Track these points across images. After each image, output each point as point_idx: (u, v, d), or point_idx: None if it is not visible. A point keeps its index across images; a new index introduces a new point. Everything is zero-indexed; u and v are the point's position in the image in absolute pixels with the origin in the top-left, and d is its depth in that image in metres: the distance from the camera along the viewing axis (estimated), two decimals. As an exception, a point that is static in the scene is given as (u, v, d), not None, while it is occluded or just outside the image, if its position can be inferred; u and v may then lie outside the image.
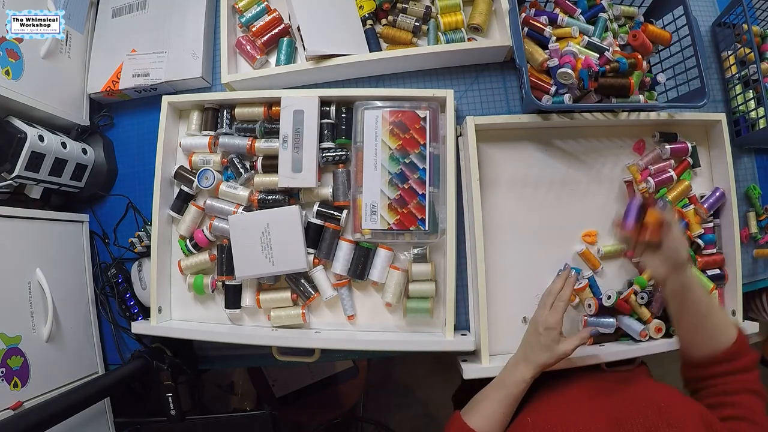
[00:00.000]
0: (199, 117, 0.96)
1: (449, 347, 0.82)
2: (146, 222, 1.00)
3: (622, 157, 0.94)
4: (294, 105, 0.89)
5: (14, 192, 0.92)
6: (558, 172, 0.93)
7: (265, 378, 1.42)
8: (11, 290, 0.81)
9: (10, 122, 0.86)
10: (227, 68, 0.96)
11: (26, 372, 0.80)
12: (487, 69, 0.99)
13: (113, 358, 1.00)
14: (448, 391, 1.08)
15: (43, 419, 0.68)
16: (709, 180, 0.94)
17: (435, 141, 0.87)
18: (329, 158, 0.90)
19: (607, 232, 0.92)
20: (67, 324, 0.91)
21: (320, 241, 0.90)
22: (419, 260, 0.88)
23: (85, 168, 1.00)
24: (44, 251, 0.89)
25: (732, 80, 0.99)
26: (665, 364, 1.67)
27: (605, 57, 0.86)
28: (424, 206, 0.85)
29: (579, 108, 0.88)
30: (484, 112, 0.98)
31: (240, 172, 0.92)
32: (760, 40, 1.00)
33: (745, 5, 0.90)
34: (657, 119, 0.92)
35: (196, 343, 0.99)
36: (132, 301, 0.97)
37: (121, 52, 1.03)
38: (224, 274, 0.90)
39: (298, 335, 0.87)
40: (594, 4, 0.95)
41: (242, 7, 1.02)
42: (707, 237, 0.90)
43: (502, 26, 0.95)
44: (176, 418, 0.86)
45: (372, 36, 0.99)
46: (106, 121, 1.07)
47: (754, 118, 0.93)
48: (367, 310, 0.91)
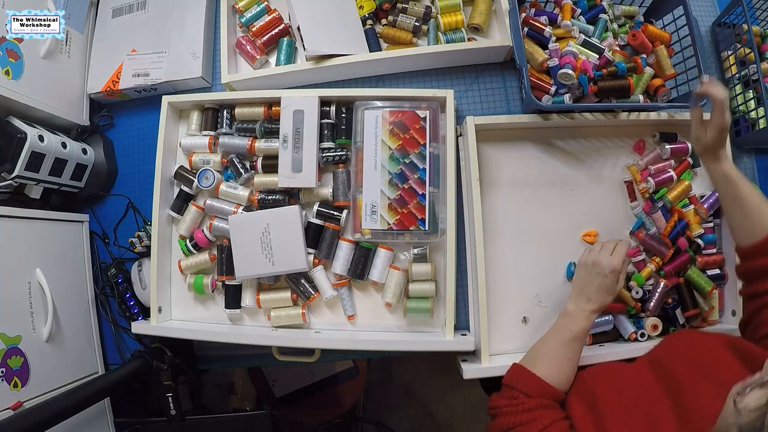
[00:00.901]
0: (199, 117, 0.96)
1: (449, 347, 0.82)
2: (146, 222, 1.00)
3: (622, 157, 0.94)
4: (294, 105, 0.89)
5: (14, 192, 0.92)
6: (558, 172, 0.93)
7: (265, 378, 1.42)
8: (11, 290, 0.81)
9: (10, 122, 0.86)
10: (227, 68, 0.96)
11: (26, 372, 0.80)
12: (487, 69, 0.99)
13: (113, 358, 1.00)
14: (448, 391, 1.08)
15: (43, 419, 0.68)
16: (710, 180, 0.94)
17: (435, 141, 0.87)
18: (329, 158, 0.90)
19: (607, 233, 0.92)
20: (67, 324, 0.91)
21: (320, 241, 0.90)
22: (419, 260, 0.88)
23: (85, 168, 1.00)
24: (44, 251, 0.89)
25: (732, 80, 0.99)
26: (665, 364, 1.68)
27: (605, 57, 0.86)
28: (424, 206, 0.85)
29: (579, 108, 0.88)
30: (484, 112, 0.98)
31: (240, 172, 0.92)
32: (760, 40, 1.00)
33: (745, 5, 0.90)
34: (657, 119, 0.92)
35: (196, 343, 0.99)
36: (132, 301, 0.97)
37: (121, 52, 1.03)
38: (224, 274, 0.90)
39: (298, 335, 0.87)
40: (594, 4, 0.95)
41: (242, 7, 1.02)
42: (707, 237, 0.90)
43: (502, 26, 0.95)
44: (176, 418, 0.86)
45: (372, 36, 0.99)
46: (106, 121, 1.07)
47: (754, 118, 0.93)
48: (367, 310, 0.91)
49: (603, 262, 0.73)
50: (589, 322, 0.72)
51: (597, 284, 0.72)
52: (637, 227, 0.90)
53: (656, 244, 0.87)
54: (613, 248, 0.75)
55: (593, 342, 0.86)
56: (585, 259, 0.76)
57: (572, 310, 0.74)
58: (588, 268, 0.74)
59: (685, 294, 0.87)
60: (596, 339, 0.87)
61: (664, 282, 0.86)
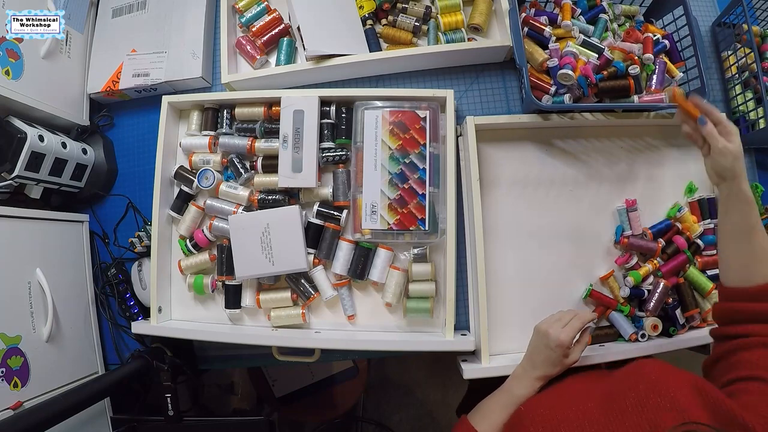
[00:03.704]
0: (199, 117, 0.96)
1: (449, 347, 0.82)
2: (146, 222, 1.00)
3: (622, 157, 0.94)
4: (294, 105, 0.89)
5: (14, 192, 0.92)
6: (558, 172, 0.93)
7: (265, 378, 1.42)
8: (11, 290, 0.81)
9: (10, 122, 0.86)
10: (227, 68, 0.96)
11: (26, 372, 0.80)
12: (487, 69, 0.99)
13: (113, 358, 1.00)
14: (448, 391, 1.08)
15: (43, 419, 0.68)
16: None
17: (435, 141, 0.87)
18: (329, 158, 0.90)
19: (607, 232, 0.92)
20: (67, 324, 0.91)
21: (320, 241, 0.90)
22: (419, 260, 0.88)
23: (85, 168, 1.00)
24: (44, 251, 0.89)
25: (732, 80, 0.99)
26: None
27: (604, 57, 0.86)
28: (424, 206, 0.85)
29: (579, 108, 0.88)
30: (484, 112, 0.98)
31: (240, 172, 0.92)
32: (760, 40, 1.00)
33: (745, 5, 0.90)
34: (657, 119, 0.91)
35: (196, 343, 0.99)
36: (132, 301, 0.97)
37: (121, 52, 1.03)
38: (224, 274, 0.90)
39: (298, 335, 0.87)
40: (594, 4, 0.95)
41: (242, 7, 1.02)
42: (707, 238, 0.90)
43: (502, 26, 0.96)
44: (173, 418, 0.86)
45: (372, 36, 0.99)
46: (106, 121, 1.07)
47: (754, 118, 0.93)
48: (367, 310, 0.91)
49: (552, 334, 0.71)
50: (533, 389, 0.70)
51: (544, 355, 0.71)
52: (619, 235, 0.90)
53: (642, 242, 0.88)
54: (568, 321, 0.72)
55: (593, 342, 0.86)
56: (539, 326, 0.74)
57: (519, 373, 0.74)
58: (540, 335, 0.73)
59: (685, 294, 0.87)
60: (596, 339, 0.87)
61: (664, 282, 0.86)
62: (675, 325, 0.86)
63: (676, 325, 0.86)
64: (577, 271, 0.91)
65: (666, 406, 0.52)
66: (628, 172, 0.93)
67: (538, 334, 0.74)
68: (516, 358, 0.77)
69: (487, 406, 0.73)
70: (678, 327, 0.86)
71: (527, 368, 0.73)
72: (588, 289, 0.88)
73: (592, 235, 0.92)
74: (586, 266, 0.91)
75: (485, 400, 0.74)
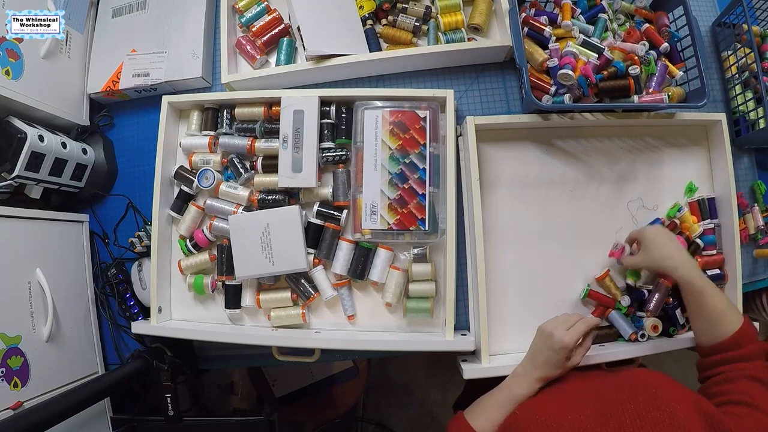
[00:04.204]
0: (199, 117, 0.96)
1: (449, 347, 0.82)
2: (146, 222, 1.00)
3: (622, 157, 0.94)
4: (294, 105, 0.89)
5: (14, 192, 0.92)
6: (558, 172, 0.93)
7: (265, 378, 1.42)
8: (11, 290, 0.81)
9: (10, 122, 0.86)
10: (227, 68, 0.96)
11: (26, 372, 0.80)
12: (487, 69, 0.99)
13: (113, 358, 1.00)
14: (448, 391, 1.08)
15: (43, 419, 0.68)
16: (710, 180, 0.94)
17: (435, 141, 0.87)
18: (329, 158, 0.90)
19: (607, 232, 0.91)
20: (67, 324, 0.91)
21: (320, 241, 0.90)
22: (419, 260, 0.88)
23: (85, 168, 1.00)
24: (44, 251, 0.89)
25: (732, 80, 0.99)
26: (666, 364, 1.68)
27: (604, 57, 0.86)
28: (424, 206, 0.85)
29: (579, 108, 0.88)
30: (484, 112, 0.98)
31: (240, 172, 0.92)
32: (760, 40, 1.00)
33: (745, 5, 0.90)
34: (657, 119, 0.92)
35: (196, 343, 0.99)
36: (132, 301, 0.97)
37: (121, 52, 1.03)
38: (224, 274, 0.90)
39: (298, 335, 0.87)
40: (594, 4, 0.95)
41: (242, 7, 1.02)
42: (707, 238, 0.90)
43: (502, 26, 0.96)
44: (173, 418, 0.86)
45: (372, 36, 0.99)
46: (106, 121, 1.07)
47: (754, 118, 0.93)
48: (367, 310, 0.91)
49: (556, 336, 0.71)
50: (532, 389, 0.70)
51: (546, 356, 0.71)
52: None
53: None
54: (573, 324, 0.73)
55: (593, 342, 0.86)
56: (544, 327, 0.74)
57: (520, 372, 0.74)
58: (543, 336, 0.73)
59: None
60: (596, 339, 0.87)
61: (664, 282, 0.86)
62: (675, 325, 0.86)
63: (676, 325, 0.86)
64: (578, 271, 0.91)
65: (665, 421, 0.53)
66: (628, 172, 0.93)
67: (541, 335, 0.74)
68: (516, 358, 0.77)
69: (484, 403, 0.73)
70: (678, 327, 0.86)
71: (528, 368, 0.73)
72: (586, 289, 0.88)
73: (592, 235, 0.92)
74: (586, 266, 0.91)
75: (483, 397, 0.74)
